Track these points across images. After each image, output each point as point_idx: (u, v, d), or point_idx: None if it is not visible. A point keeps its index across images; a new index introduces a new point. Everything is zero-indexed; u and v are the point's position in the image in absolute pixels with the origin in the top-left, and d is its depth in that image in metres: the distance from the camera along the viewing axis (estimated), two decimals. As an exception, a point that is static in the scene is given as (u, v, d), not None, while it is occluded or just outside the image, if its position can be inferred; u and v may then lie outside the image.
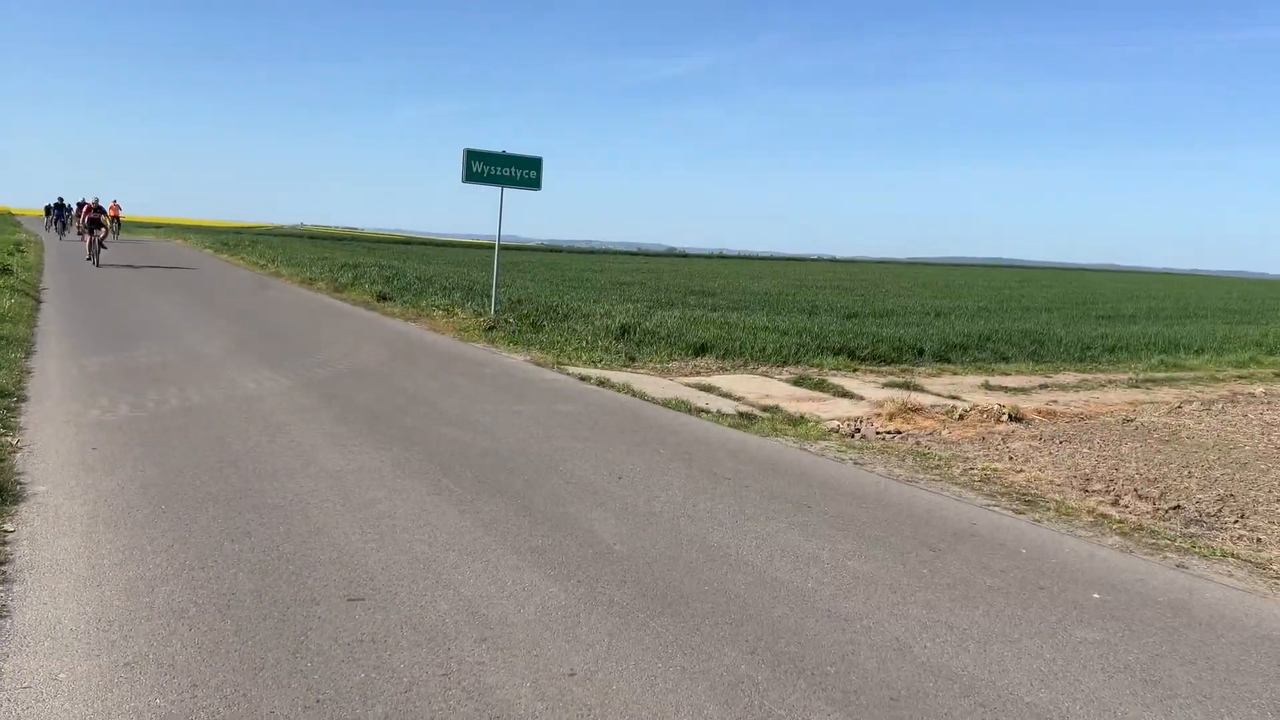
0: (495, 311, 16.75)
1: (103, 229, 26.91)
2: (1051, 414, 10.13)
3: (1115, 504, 6.55)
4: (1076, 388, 12.80)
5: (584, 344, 13.85)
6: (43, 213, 47.11)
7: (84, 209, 27.58)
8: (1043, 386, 12.69)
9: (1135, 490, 6.88)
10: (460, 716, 3.25)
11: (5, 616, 3.87)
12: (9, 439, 6.70)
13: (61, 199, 44.03)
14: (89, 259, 26.07)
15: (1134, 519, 6.22)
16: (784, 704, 3.44)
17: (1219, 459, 8.07)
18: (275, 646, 3.69)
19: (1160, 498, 6.70)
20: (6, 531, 4.84)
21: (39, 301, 16.28)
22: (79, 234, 40.34)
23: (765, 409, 9.74)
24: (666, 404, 9.60)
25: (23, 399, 8.14)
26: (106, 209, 30.60)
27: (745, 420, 9.05)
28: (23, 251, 28.41)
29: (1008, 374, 13.72)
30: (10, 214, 79.64)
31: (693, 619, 4.16)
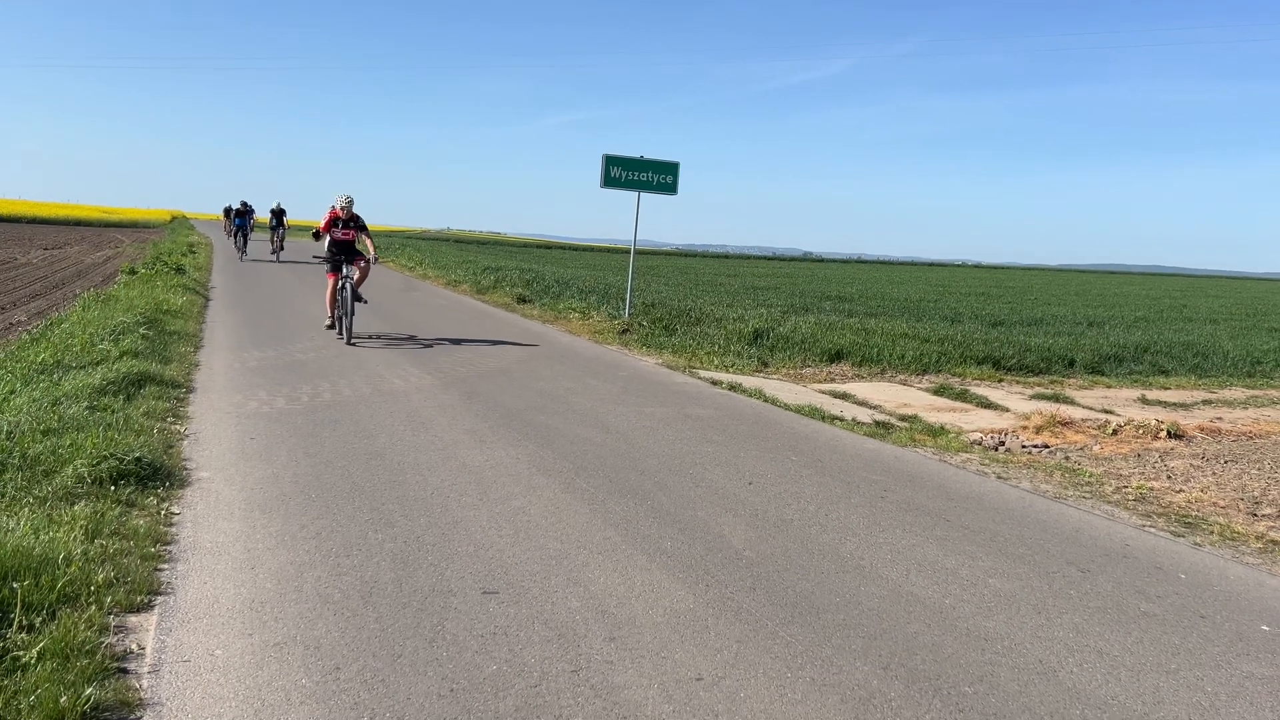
0: (629, 314, 16.90)
1: (359, 269, 13.18)
2: (1216, 431, 9.47)
3: (1288, 530, 6.06)
4: (1245, 404, 11.93)
5: (716, 348, 13.81)
6: (220, 216, 38.86)
7: (332, 230, 13.31)
8: (1206, 402, 11.89)
9: (1312, 516, 6.35)
10: (588, 714, 3.27)
11: (170, 593, 4.14)
12: (178, 427, 7.17)
13: (246, 203, 32.60)
14: (330, 325, 13.54)
15: (1310, 547, 5.74)
16: (918, 723, 3.33)
17: None
18: (413, 635, 3.81)
19: (1341, 525, 6.16)
20: (173, 514, 5.18)
21: (207, 300, 17.39)
22: (272, 252, 31.77)
23: (903, 418, 9.47)
24: (799, 410, 9.46)
25: (190, 390, 8.71)
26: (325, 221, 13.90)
27: (881, 429, 8.82)
28: (194, 253, 30.42)
29: (1167, 388, 12.92)
30: (185, 218, 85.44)
31: (824, 630, 4.07)
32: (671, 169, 17.00)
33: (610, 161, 16.45)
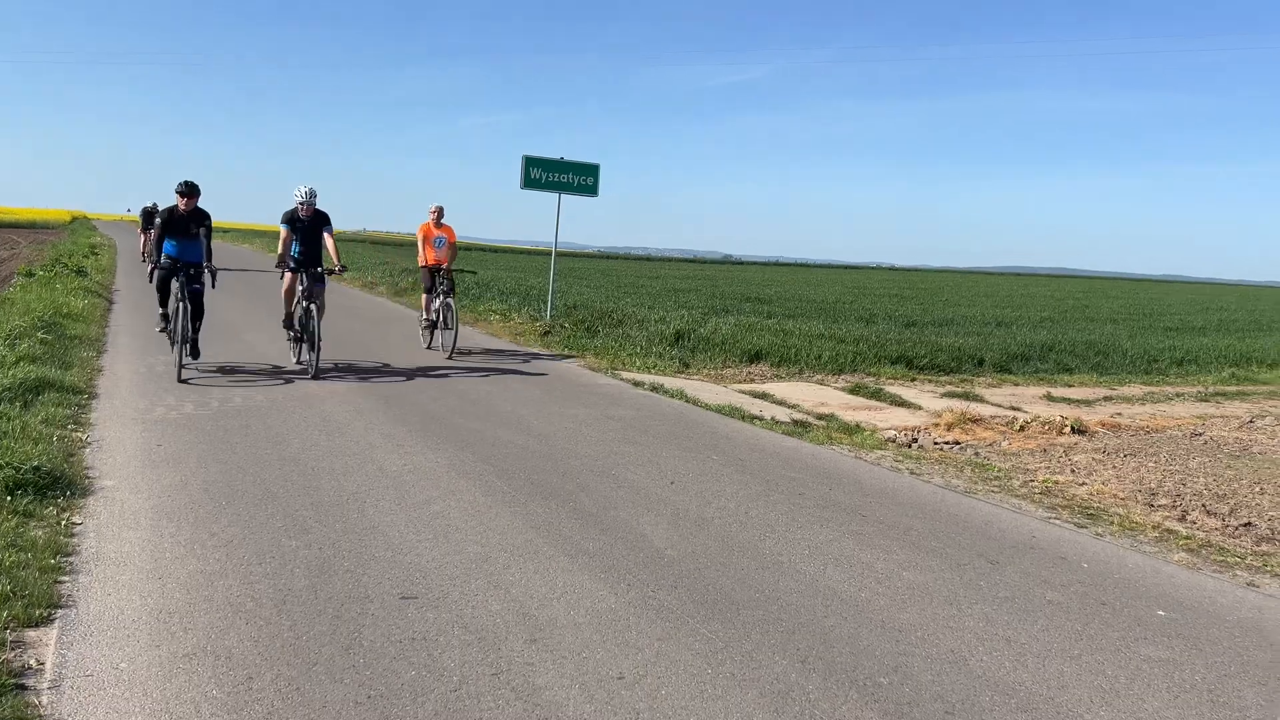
0: (551, 316, 16.85)
1: None
2: (1116, 426, 9.87)
3: (1182, 519, 6.35)
4: (1142, 400, 12.46)
5: (638, 350, 13.85)
6: (137, 220, 28.53)
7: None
8: (1107, 399, 12.38)
9: (1204, 506, 6.67)
10: (509, 716, 3.26)
11: (71, 606, 3.98)
12: (80, 435, 6.90)
13: (191, 185, 10.08)
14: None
15: (1202, 535, 6.03)
16: (835, 714, 3.39)
17: (1293, 475, 7.78)
18: (329, 642, 3.74)
19: (1230, 514, 6.48)
20: (74, 524, 4.98)
21: (111, 303, 16.77)
22: (299, 349, 10.77)
23: (820, 417, 9.64)
24: (720, 410, 9.56)
25: (93, 396, 8.38)
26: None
27: (800, 428, 8.96)
28: (97, 254, 29.30)
29: (1070, 385, 13.41)
30: (86, 219, 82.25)
31: (743, 626, 4.12)
32: (592, 170, 17.00)
33: (530, 163, 16.37)
